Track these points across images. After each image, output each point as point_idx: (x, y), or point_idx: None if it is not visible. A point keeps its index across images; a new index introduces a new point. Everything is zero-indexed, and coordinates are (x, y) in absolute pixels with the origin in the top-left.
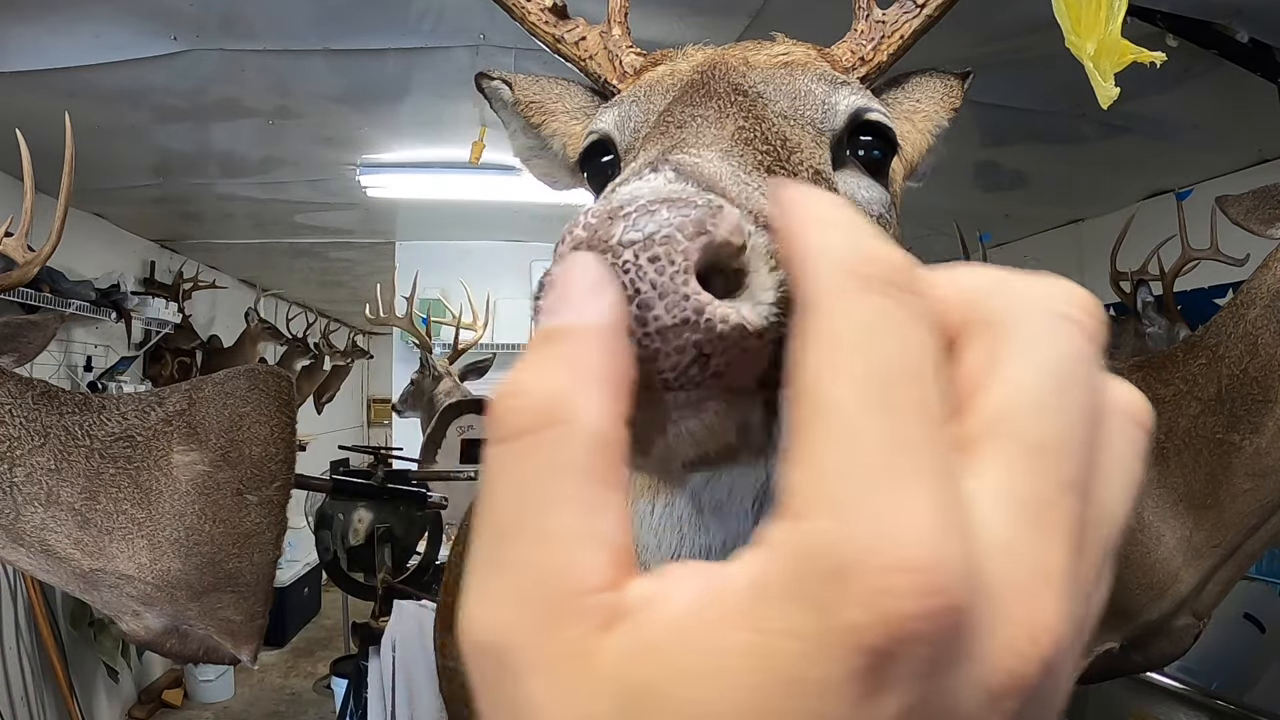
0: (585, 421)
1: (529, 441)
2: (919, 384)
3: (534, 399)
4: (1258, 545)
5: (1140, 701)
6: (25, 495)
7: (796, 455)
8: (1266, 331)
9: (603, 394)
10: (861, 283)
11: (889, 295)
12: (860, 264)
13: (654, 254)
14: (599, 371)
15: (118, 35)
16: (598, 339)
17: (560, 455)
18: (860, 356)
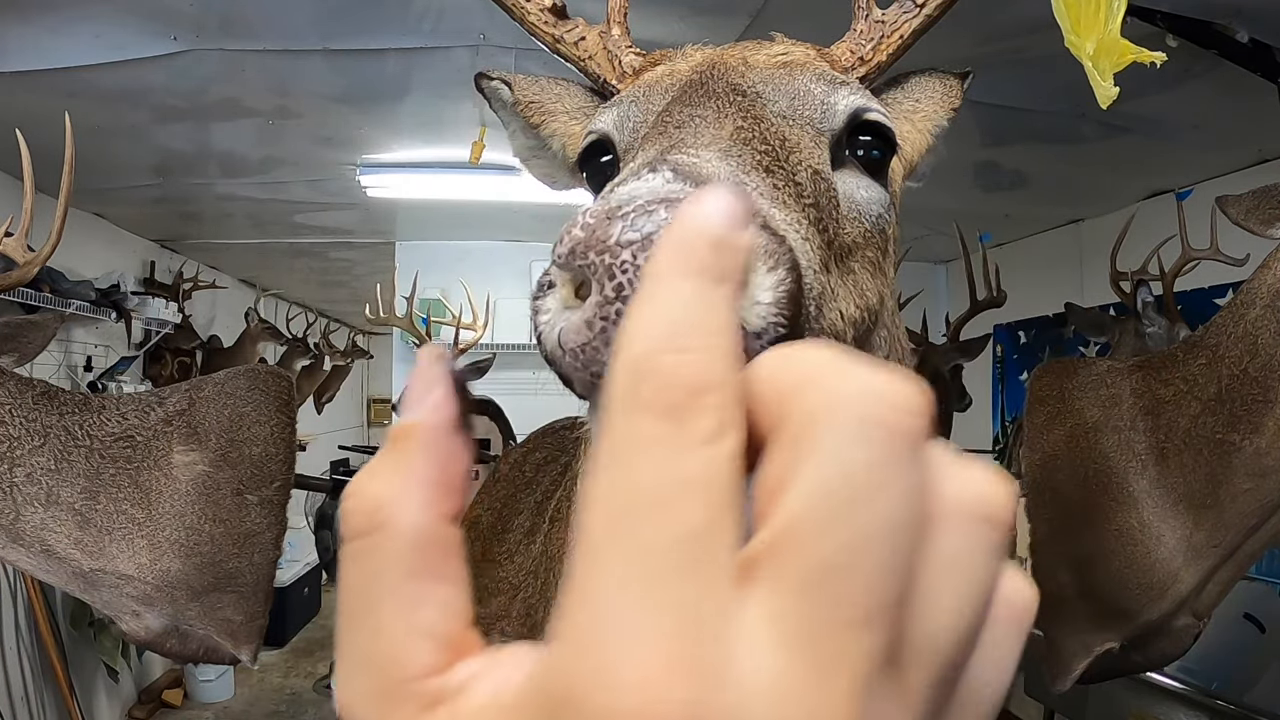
0: (403, 525)
1: (361, 544)
2: (673, 508)
3: (364, 503)
4: (1258, 545)
5: (1140, 701)
6: (25, 495)
7: (570, 573)
8: (1266, 331)
9: (424, 496)
10: (637, 403)
11: (662, 418)
12: (644, 379)
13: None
14: (422, 474)
15: (118, 35)
16: (423, 442)
17: (382, 557)
18: (614, 486)
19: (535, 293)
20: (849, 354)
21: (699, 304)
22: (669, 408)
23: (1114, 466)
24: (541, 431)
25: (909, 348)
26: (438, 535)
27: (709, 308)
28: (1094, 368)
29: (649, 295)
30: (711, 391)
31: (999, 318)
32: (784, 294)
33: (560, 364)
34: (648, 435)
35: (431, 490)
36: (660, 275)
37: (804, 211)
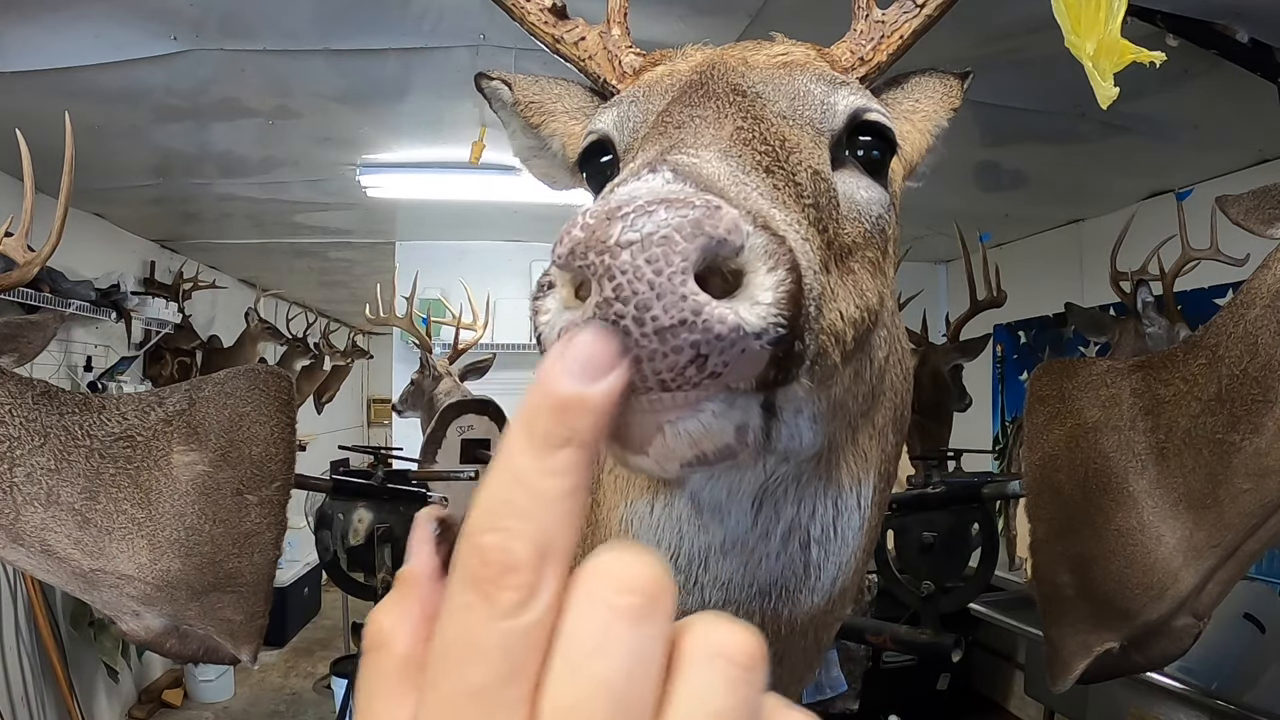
0: (397, 645)
1: (371, 656)
2: (465, 669)
3: (374, 627)
4: (1258, 545)
5: (1140, 701)
6: (25, 495)
7: None
8: (1266, 331)
9: (412, 627)
10: (463, 576)
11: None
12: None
13: (651, 254)
14: (412, 610)
15: (118, 35)
16: (414, 586)
17: (381, 667)
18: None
19: (535, 293)
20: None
21: (526, 480)
22: (479, 582)
23: (1114, 466)
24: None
25: (909, 348)
26: (419, 655)
27: (533, 483)
28: (1094, 368)
29: (495, 465)
30: (517, 571)
31: (999, 318)
32: (784, 294)
33: None
34: (461, 603)
35: (419, 622)
36: (504, 448)
37: (804, 212)
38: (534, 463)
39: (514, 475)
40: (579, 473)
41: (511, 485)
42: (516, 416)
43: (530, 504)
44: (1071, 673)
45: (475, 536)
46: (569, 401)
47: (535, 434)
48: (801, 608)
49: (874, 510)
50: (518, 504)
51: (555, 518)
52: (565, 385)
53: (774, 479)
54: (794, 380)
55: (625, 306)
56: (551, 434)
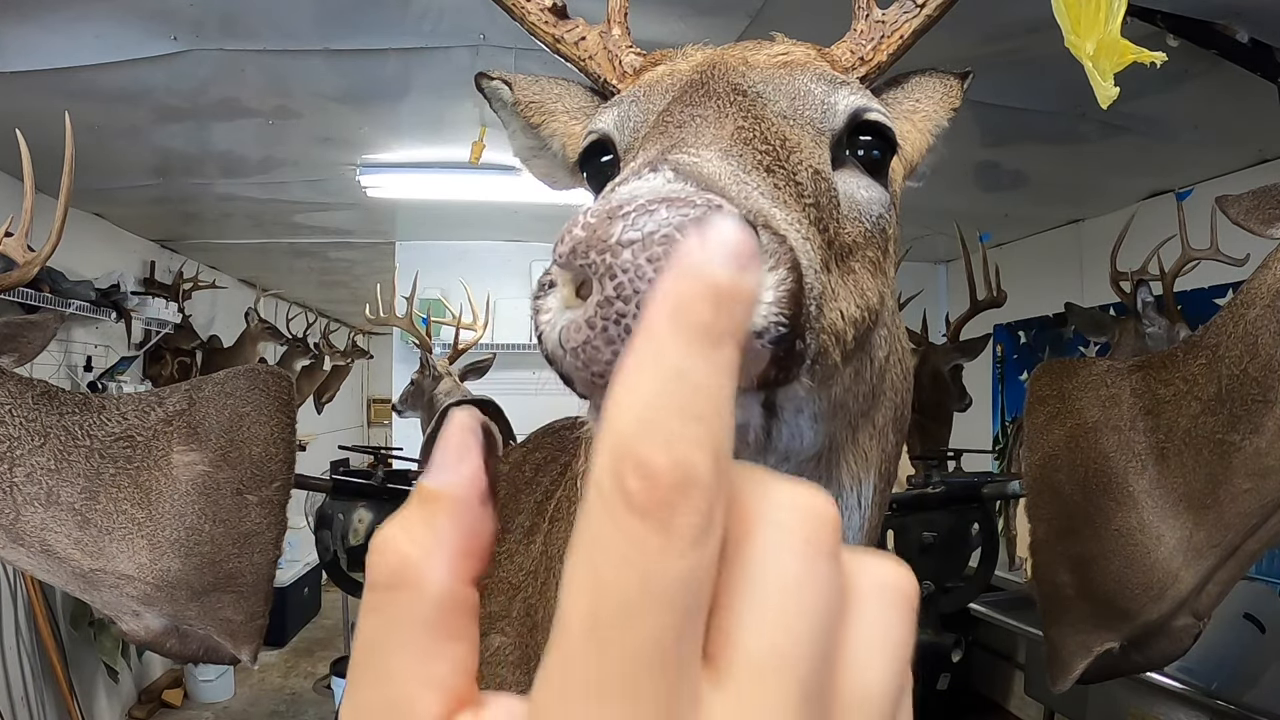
0: (431, 585)
1: (386, 595)
2: (647, 626)
3: (391, 558)
4: (1258, 545)
5: (1140, 701)
6: (25, 495)
7: (541, 664)
8: (1266, 331)
9: (451, 560)
10: (623, 499)
11: (647, 518)
12: (630, 473)
13: (653, 253)
14: (450, 539)
15: (118, 35)
16: (453, 509)
17: (404, 611)
18: (596, 587)
19: (536, 292)
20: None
21: (692, 378)
22: (652, 506)
23: (1114, 466)
24: (541, 431)
25: (909, 348)
26: (459, 597)
27: (702, 382)
28: (1094, 368)
29: (637, 363)
30: (697, 489)
31: (999, 318)
32: (785, 293)
33: (561, 363)
34: (629, 534)
35: (458, 556)
36: (651, 336)
37: (804, 211)
38: (700, 357)
39: (675, 373)
40: (737, 379)
41: (674, 384)
42: (658, 305)
43: (703, 406)
44: (1071, 673)
45: (635, 446)
46: (730, 289)
47: (695, 324)
48: None
49: (874, 510)
50: (687, 406)
51: (728, 429)
52: (723, 272)
53: None
54: (795, 379)
55: (626, 305)
56: (716, 324)
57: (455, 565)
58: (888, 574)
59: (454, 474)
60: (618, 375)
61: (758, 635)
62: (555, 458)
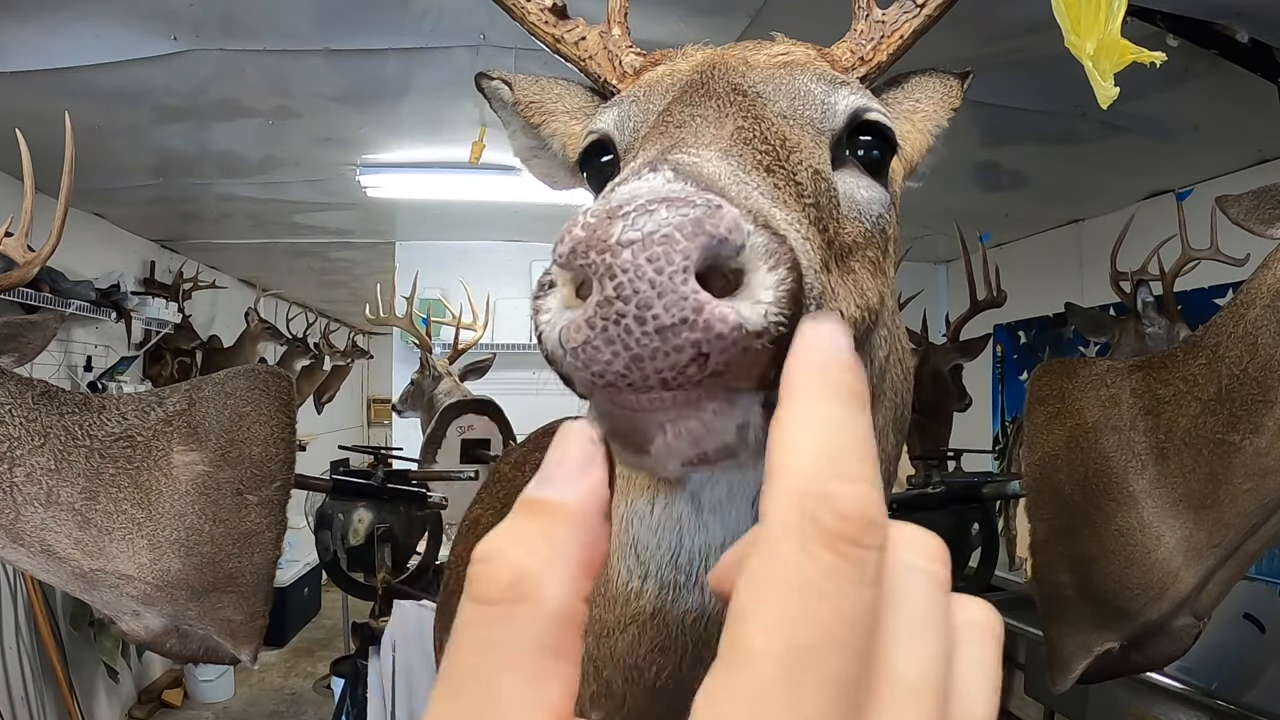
0: (550, 601)
1: (499, 610)
2: (841, 657)
3: (508, 571)
4: (1258, 545)
5: (1140, 701)
6: (25, 495)
7: (711, 688)
8: (1266, 331)
9: (570, 575)
10: (816, 533)
11: (840, 553)
12: (821, 509)
13: (652, 253)
14: (570, 554)
15: (118, 35)
16: (575, 521)
17: (523, 629)
18: (790, 618)
19: (536, 292)
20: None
21: (855, 429)
22: (845, 541)
23: (1114, 466)
24: (542, 431)
25: (909, 348)
26: (578, 614)
27: (862, 433)
28: (1094, 368)
29: (802, 415)
30: (877, 527)
31: (999, 318)
32: (784, 293)
33: (561, 363)
34: (825, 568)
35: (579, 570)
36: (808, 393)
37: (804, 211)
38: (857, 412)
39: (839, 424)
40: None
41: (843, 434)
42: (805, 371)
43: (865, 453)
44: (1071, 673)
45: (825, 485)
46: (856, 366)
47: (845, 387)
48: None
49: None
50: (860, 451)
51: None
52: (850, 348)
53: None
54: None
55: (626, 305)
56: (859, 389)
57: (576, 581)
58: (981, 612)
59: (576, 483)
60: (779, 427)
61: (904, 668)
62: None
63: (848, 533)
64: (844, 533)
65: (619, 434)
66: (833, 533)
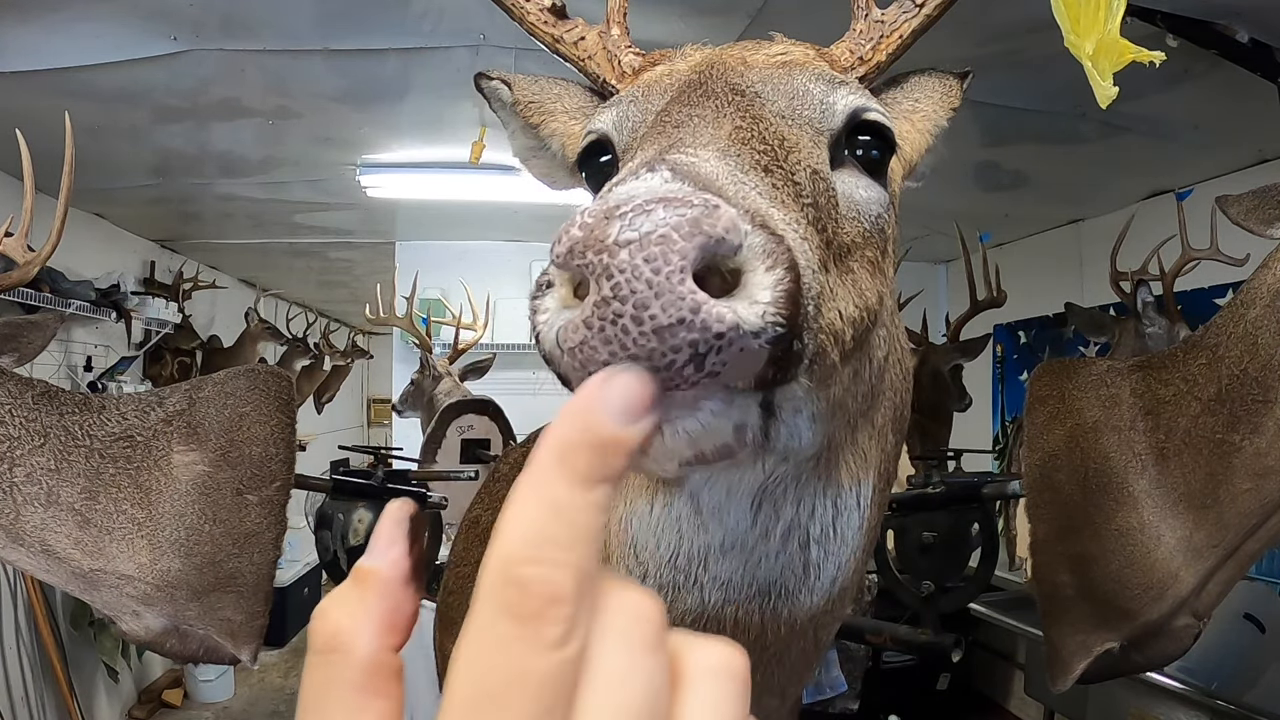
0: (359, 651)
1: (323, 658)
2: (515, 708)
3: (329, 627)
4: (1258, 545)
5: (1140, 701)
6: (25, 495)
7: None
8: (1266, 331)
9: (376, 631)
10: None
11: (521, 623)
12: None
13: (650, 253)
14: (377, 614)
15: (118, 35)
16: (382, 587)
17: (341, 673)
18: (474, 672)
19: (534, 292)
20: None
21: (567, 513)
22: (522, 614)
23: (1114, 466)
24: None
25: (909, 348)
26: (383, 662)
27: (574, 517)
28: (1094, 368)
29: (524, 495)
30: (562, 604)
31: (999, 318)
32: (782, 293)
33: (559, 363)
34: (499, 635)
35: (382, 628)
36: (538, 476)
37: (802, 211)
38: (575, 496)
39: (554, 507)
40: (609, 508)
41: (552, 517)
42: (550, 445)
43: (572, 537)
44: (1071, 673)
45: (516, 567)
46: (611, 442)
47: (575, 468)
48: (801, 607)
49: (874, 510)
50: (560, 537)
51: (592, 554)
52: (608, 425)
53: (773, 479)
54: (793, 379)
55: (623, 305)
56: (592, 470)
57: (380, 636)
58: (717, 656)
59: (384, 557)
60: (510, 499)
61: (600, 709)
62: None
63: (529, 608)
64: (525, 608)
65: None
66: (514, 606)
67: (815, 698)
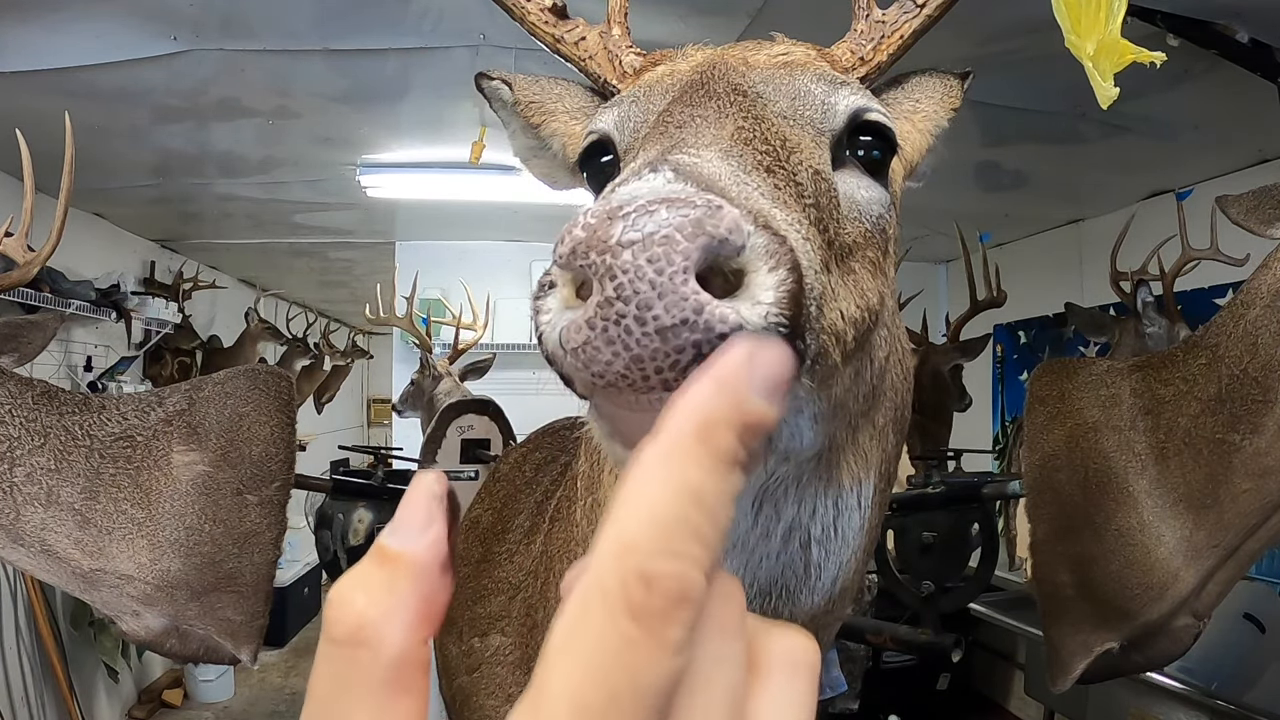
0: (389, 646)
1: (344, 651)
2: (635, 712)
3: (353, 616)
4: (1258, 545)
5: (1140, 701)
6: (25, 495)
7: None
8: (1266, 331)
9: (408, 623)
10: (625, 603)
11: (645, 627)
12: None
13: (653, 254)
14: (410, 604)
15: (118, 35)
16: (415, 574)
17: (366, 669)
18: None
19: (536, 292)
20: None
21: (706, 500)
22: (651, 616)
23: (1114, 466)
24: (541, 431)
25: (909, 348)
26: (416, 657)
27: (714, 506)
28: (1094, 368)
29: (655, 475)
30: (690, 605)
31: (999, 318)
32: (785, 294)
33: (561, 364)
34: (627, 637)
35: (416, 619)
36: (675, 453)
37: (804, 211)
38: (718, 482)
39: (694, 493)
40: (736, 499)
41: (691, 504)
42: (691, 418)
43: (710, 530)
44: (1071, 673)
45: (646, 560)
46: (758, 419)
47: (719, 449)
48: (802, 607)
49: (874, 510)
50: (698, 528)
51: (723, 547)
52: (759, 402)
53: (774, 479)
54: (794, 380)
55: (627, 306)
56: (736, 451)
57: (413, 628)
58: (793, 646)
59: (419, 539)
60: (635, 468)
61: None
62: (555, 458)
63: (655, 608)
64: (652, 608)
65: (620, 434)
66: (640, 606)
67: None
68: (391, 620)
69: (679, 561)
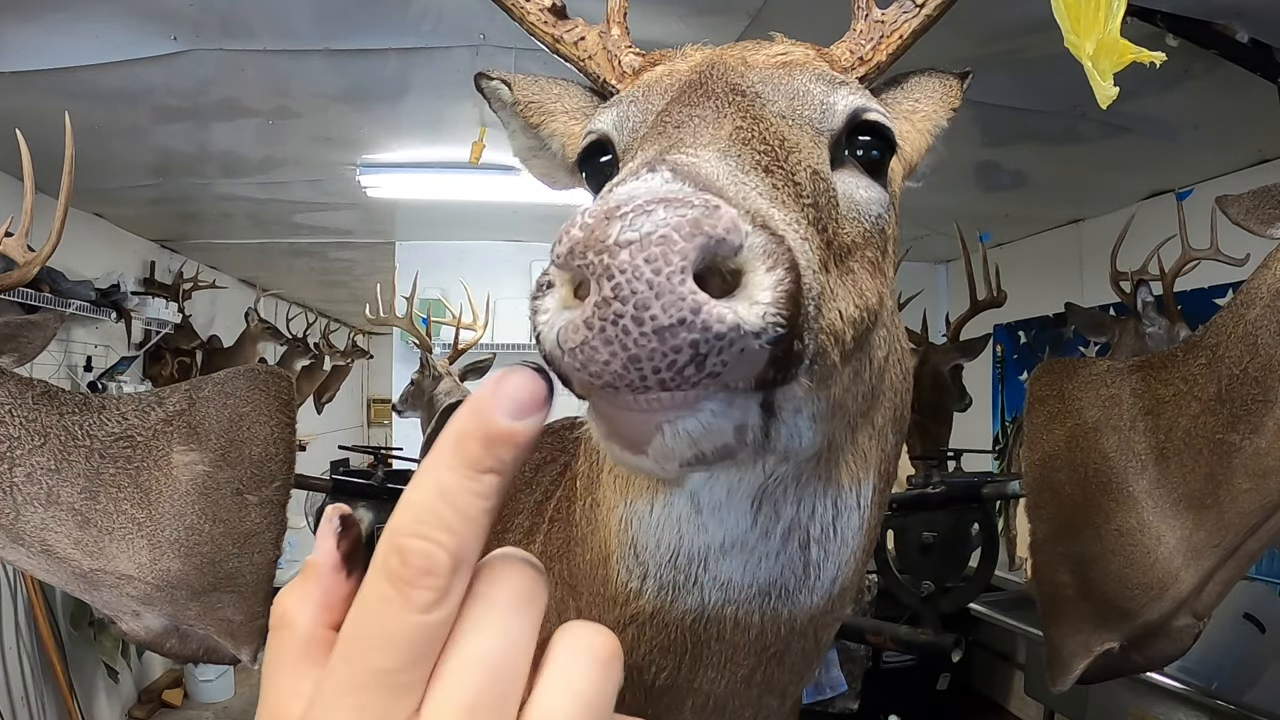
0: (299, 627)
1: (275, 632)
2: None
3: (279, 607)
4: (1258, 545)
5: (1140, 701)
6: (25, 495)
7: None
8: (1266, 331)
9: (313, 611)
10: (385, 571)
11: (396, 589)
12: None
13: (650, 254)
14: (314, 598)
15: (118, 35)
16: (316, 574)
17: (285, 645)
18: (353, 624)
19: (534, 292)
20: None
21: (454, 496)
22: (399, 579)
23: (1114, 466)
24: (541, 431)
25: (909, 348)
26: (319, 636)
27: (457, 500)
28: (1094, 368)
29: (421, 477)
30: (435, 575)
31: (999, 318)
32: (783, 293)
33: (559, 363)
34: (378, 595)
35: (319, 607)
36: (434, 460)
37: (803, 211)
38: (462, 482)
39: (441, 490)
40: (497, 496)
41: (439, 498)
42: (447, 434)
43: (454, 519)
44: (1071, 673)
45: (400, 537)
46: (500, 434)
47: (466, 456)
48: (801, 607)
49: (874, 510)
50: (443, 517)
51: (472, 533)
52: (498, 419)
53: (773, 479)
54: (793, 380)
55: (624, 306)
56: (481, 460)
57: (316, 614)
58: (588, 637)
59: (317, 551)
60: (413, 478)
61: (447, 666)
62: (555, 458)
63: (405, 576)
64: (403, 575)
65: (618, 434)
66: (395, 573)
67: (815, 698)
68: (302, 607)
69: (425, 542)
